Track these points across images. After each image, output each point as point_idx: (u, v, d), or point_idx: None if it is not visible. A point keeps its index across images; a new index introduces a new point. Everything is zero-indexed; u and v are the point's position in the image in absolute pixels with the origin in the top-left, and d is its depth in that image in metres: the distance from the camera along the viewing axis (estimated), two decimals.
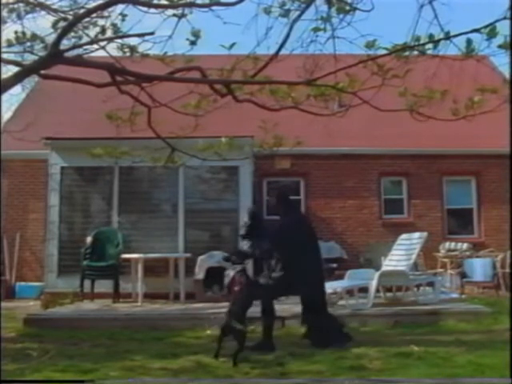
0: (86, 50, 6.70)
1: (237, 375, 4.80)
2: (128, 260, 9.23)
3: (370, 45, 5.16)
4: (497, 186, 11.68)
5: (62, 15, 6.87)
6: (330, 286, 8.11)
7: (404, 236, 8.90)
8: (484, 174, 12.14)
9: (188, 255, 9.37)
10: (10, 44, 6.50)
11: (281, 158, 11.37)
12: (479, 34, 4.52)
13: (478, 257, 10.96)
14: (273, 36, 5.74)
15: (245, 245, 8.63)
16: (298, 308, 7.69)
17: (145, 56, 6.50)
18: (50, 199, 10.03)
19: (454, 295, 9.44)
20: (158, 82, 6.11)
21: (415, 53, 5.10)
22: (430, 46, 4.93)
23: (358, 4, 5.64)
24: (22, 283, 11.26)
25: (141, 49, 6.51)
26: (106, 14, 6.47)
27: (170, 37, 6.25)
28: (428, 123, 5.78)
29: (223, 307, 7.91)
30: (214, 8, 5.95)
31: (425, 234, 8.61)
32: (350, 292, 7.88)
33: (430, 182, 12.14)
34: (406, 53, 5.17)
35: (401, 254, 8.52)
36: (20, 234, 11.60)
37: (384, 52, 5.14)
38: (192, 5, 6.00)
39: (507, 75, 5.63)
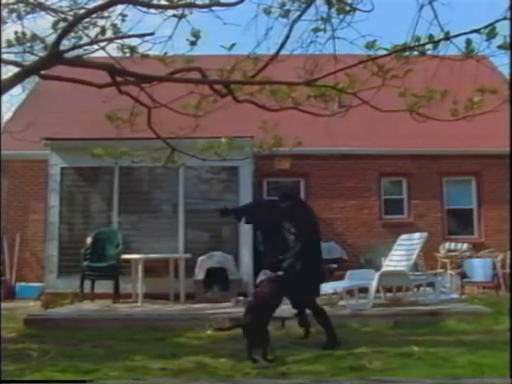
0: (86, 50, 6.71)
1: (237, 375, 4.80)
2: (128, 260, 9.22)
3: (369, 45, 5.16)
4: (497, 186, 11.66)
5: (62, 15, 6.88)
6: (331, 287, 8.12)
7: (404, 236, 8.90)
8: (484, 174, 12.12)
9: (188, 256, 9.36)
10: (10, 44, 6.51)
11: (281, 159, 11.35)
12: (479, 35, 4.52)
13: (478, 257, 10.95)
14: (273, 36, 5.75)
15: None
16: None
17: (145, 56, 6.51)
18: (50, 200, 10.03)
19: (454, 295, 9.43)
20: (157, 83, 6.11)
21: (415, 53, 5.11)
22: (429, 46, 4.93)
23: (358, 4, 5.67)
24: (23, 283, 11.24)
25: (141, 49, 6.54)
26: (106, 14, 6.49)
27: (170, 37, 6.27)
28: (428, 123, 5.78)
29: (223, 307, 7.97)
30: (213, 8, 5.96)
31: (425, 234, 8.62)
32: (350, 292, 7.88)
33: (430, 182, 12.12)
34: (406, 53, 5.17)
35: (401, 255, 8.52)
36: (20, 234, 11.58)
37: (384, 52, 5.14)
38: (192, 5, 6.01)
39: (507, 75, 5.63)
